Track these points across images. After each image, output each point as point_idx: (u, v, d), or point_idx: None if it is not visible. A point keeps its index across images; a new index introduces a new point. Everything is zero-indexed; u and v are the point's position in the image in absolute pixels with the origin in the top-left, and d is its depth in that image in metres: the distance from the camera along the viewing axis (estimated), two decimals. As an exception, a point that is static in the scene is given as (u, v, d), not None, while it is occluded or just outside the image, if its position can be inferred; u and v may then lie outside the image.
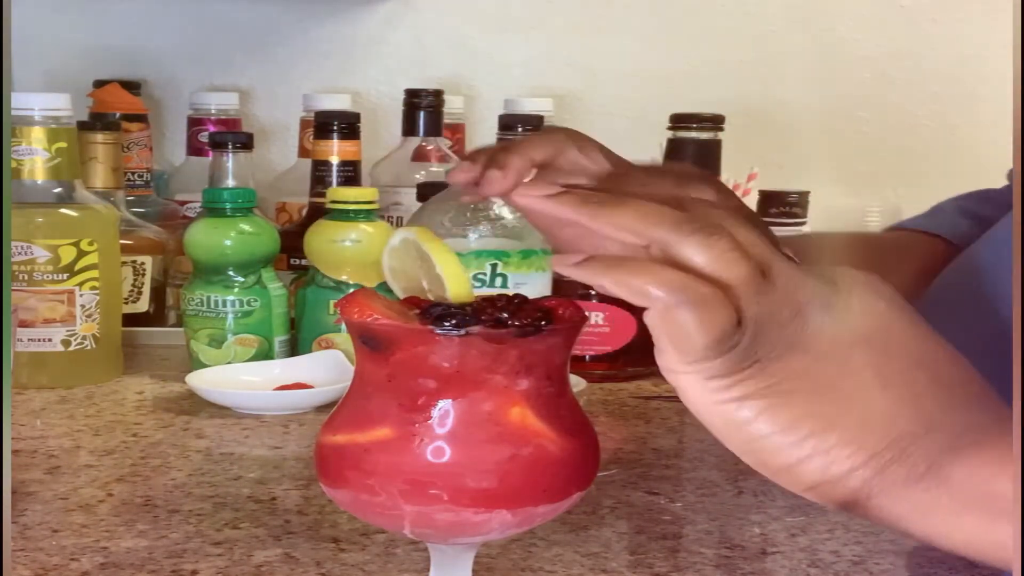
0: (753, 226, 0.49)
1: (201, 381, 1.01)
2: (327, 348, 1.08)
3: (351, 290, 1.00)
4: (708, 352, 0.45)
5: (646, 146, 1.58)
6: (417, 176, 1.35)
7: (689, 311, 0.45)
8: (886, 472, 0.45)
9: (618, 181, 0.67)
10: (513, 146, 0.62)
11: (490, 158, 0.62)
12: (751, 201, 1.39)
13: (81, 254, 1.05)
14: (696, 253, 0.46)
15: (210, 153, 1.23)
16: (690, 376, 0.46)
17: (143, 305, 1.25)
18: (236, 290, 1.08)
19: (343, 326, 1.04)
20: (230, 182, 1.18)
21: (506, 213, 1.07)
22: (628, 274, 0.46)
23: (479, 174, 0.57)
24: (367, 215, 1.10)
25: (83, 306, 1.05)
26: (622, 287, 0.46)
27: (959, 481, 0.45)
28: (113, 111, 1.38)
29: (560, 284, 1.08)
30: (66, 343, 1.05)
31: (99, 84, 1.49)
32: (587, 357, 1.11)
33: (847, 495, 0.46)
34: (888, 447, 0.45)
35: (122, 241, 1.13)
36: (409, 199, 1.31)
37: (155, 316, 1.27)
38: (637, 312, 0.47)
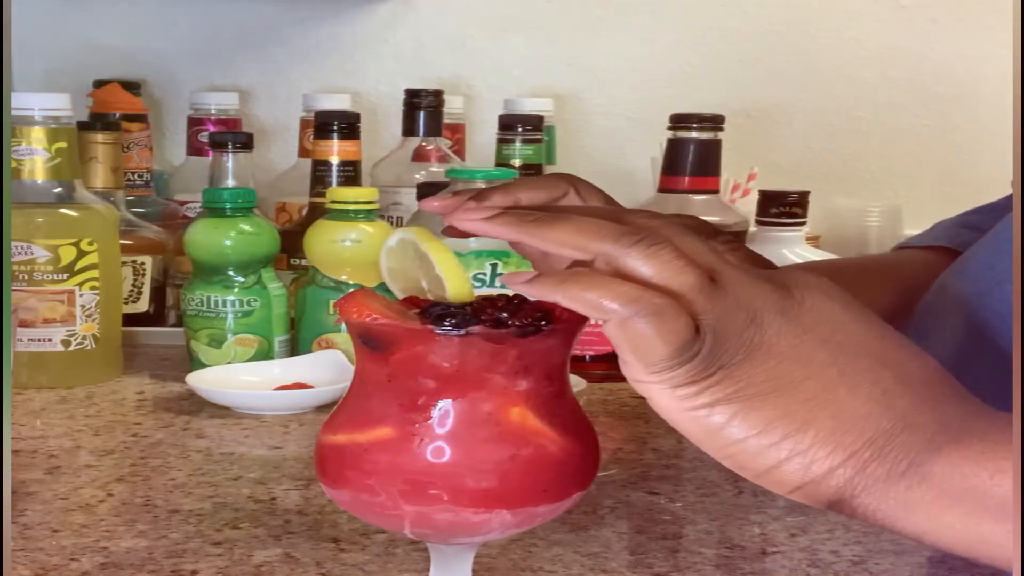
0: (700, 236, 0.49)
1: (201, 381, 1.01)
2: (327, 348, 1.08)
3: (351, 290, 0.99)
4: (671, 361, 0.45)
5: (646, 146, 1.59)
6: (417, 176, 1.35)
7: (646, 322, 0.45)
8: (867, 470, 0.46)
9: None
10: (501, 185, 0.62)
11: (476, 193, 0.62)
12: (751, 201, 1.39)
13: (81, 254, 1.05)
14: (640, 264, 0.46)
15: (210, 153, 1.22)
16: (657, 386, 0.46)
17: (143, 305, 1.25)
18: (236, 290, 1.08)
19: (343, 326, 1.04)
20: (230, 182, 1.18)
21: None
22: (580, 288, 0.46)
23: (455, 204, 0.55)
24: (367, 215, 1.10)
25: (83, 306, 1.05)
26: (576, 302, 0.46)
27: (940, 477, 0.45)
28: (113, 111, 1.39)
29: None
30: (66, 343, 1.05)
31: (99, 84, 1.50)
32: (587, 357, 1.11)
33: (832, 494, 0.46)
34: (865, 445, 0.46)
35: (122, 241, 1.13)
36: (409, 199, 1.31)
37: (155, 316, 1.27)
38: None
